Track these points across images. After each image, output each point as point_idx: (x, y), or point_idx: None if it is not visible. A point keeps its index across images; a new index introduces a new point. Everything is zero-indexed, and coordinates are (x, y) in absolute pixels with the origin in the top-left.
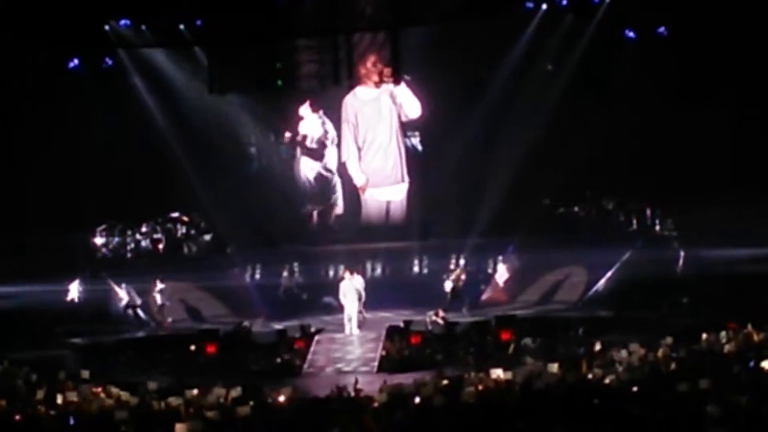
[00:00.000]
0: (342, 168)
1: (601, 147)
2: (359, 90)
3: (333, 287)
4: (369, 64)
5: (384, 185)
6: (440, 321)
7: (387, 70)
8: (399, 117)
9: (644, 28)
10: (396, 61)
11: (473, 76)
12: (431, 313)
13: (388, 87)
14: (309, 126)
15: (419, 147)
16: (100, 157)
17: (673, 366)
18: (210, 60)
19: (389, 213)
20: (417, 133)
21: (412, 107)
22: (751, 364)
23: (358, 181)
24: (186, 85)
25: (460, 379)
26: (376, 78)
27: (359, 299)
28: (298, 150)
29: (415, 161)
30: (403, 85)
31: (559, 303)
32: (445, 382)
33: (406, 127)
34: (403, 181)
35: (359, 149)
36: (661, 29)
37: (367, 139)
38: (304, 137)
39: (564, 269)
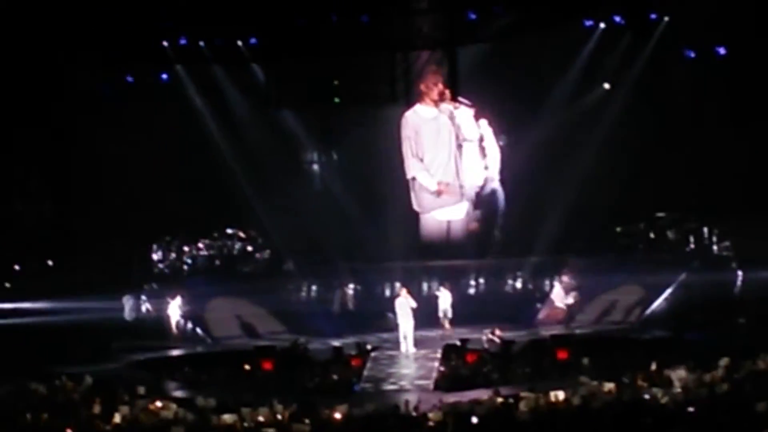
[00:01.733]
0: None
1: (658, 166)
2: (419, 108)
3: (389, 304)
4: (430, 83)
5: (445, 206)
6: (496, 339)
7: (447, 91)
8: (457, 137)
9: (703, 47)
10: (453, 80)
11: (531, 94)
12: (488, 331)
13: (448, 107)
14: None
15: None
16: (158, 173)
17: (729, 387)
18: (267, 76)
19: (450, 233)
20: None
21: (471, 130)
22: None
23: (432, 185)
24: (243, 101)
25: (516, 398)
26: (435, 97)
27: (414, 317)
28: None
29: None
30: (462, 107)
31: (616, 323)
32: (500, 400)
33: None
34: (461, 201)
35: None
36: (720, 49)
37: (426, 157)
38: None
39: (621, 289)
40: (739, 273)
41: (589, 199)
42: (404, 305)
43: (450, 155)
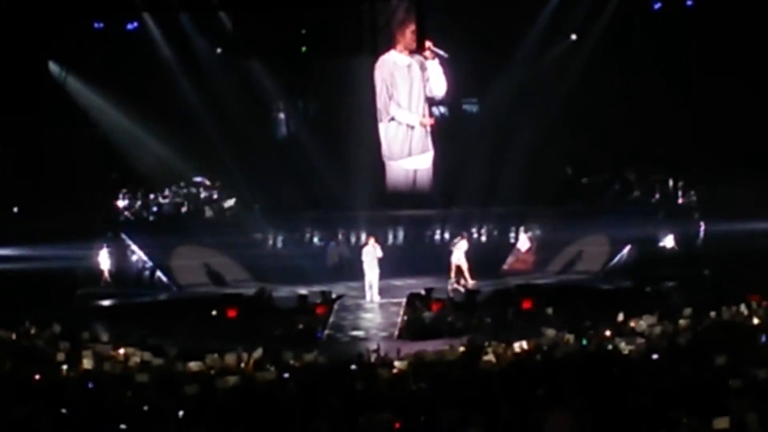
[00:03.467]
0: (370, 136)
1: (624, 117)
2: (394, 54)
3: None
4: (406, 31)
5: (412, 154)
6: (461, 288)
7: (425, 41)
8: (425, 89)
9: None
10: (421, 29)
11: (498, 45)
12: (453, 280)
13: (419, 58)
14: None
15: (443, 116)
16: (123, 121)
17: (692, 338)
18: (234, 25)
19: (416, 182)
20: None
21: (440, 85)
22: None
23: (414, 120)
24: (210, 49)
25: (479, 347)
26: (410, 45)
27: (380, 266)
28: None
29: (439, 130)
30: (436, 60)
31: (580, 273)
32: (463, 349)
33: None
34: (429, 150)
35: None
36: (689, 1)
37: (400, 102)
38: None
39: (586, 239)
40: (702, 224)
41: (556, 150)
42: (371, 254)
43: (420, 104)
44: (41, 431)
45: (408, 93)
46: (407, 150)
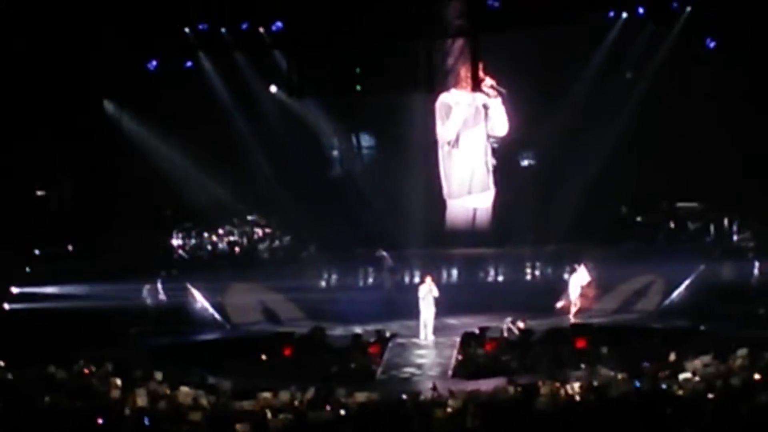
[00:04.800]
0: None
1: (679, 156)
2: (455, 92)
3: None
4: (466, 70)
5: (473, 192)
6: (515, 329)
7: (487, 79)
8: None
9: (724, 36)
10: (475, 69)
11: (552, 84)
12: (509, 320)
13: (482, 96)
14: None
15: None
16: (179, 159)
17: (747, 378)
18: (289, 64)
19: (475, 220)
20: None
21: (502, 124)
22: None
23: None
24: (265, 88)
25: (534, 386)
26: (470, 84)
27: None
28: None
29: (496, 169)
30: (498, 99)
31: (635, 312)
32: (519, 389)
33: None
34: (489, 189)
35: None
36: (742, 40)
37: (460, 140)
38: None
39: (640, 278)
40: (757, 263)
41: (610, 188)
42: (427, 293)
43: (481, 141)
44: None
45: (470, 131)
46: (467, 188)
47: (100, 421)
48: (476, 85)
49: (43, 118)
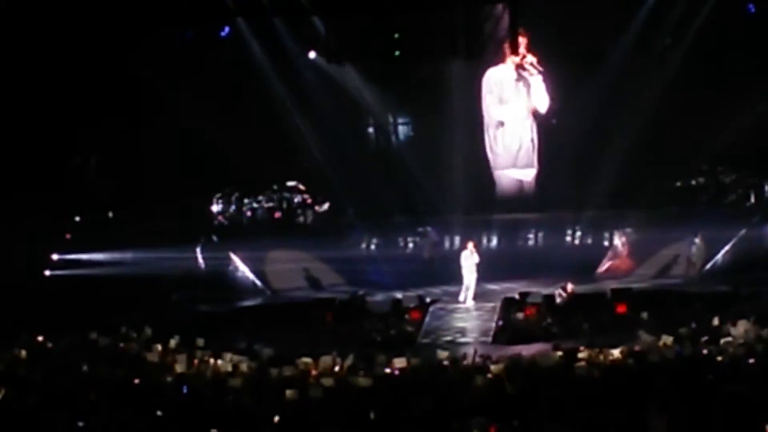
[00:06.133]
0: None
1: (719, 121)
2: (502, 67)
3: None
4: (504, 39)
5: (518, 166)
6: (564, 294)
7: (529, 56)
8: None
9: (764, 2)
10: (513, 34)
11: (591, 49)
12: (560, 285)
13: (525, 73)
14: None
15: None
16: (218, 126)
17: None
18: (327, 29)
19: (522, 189)
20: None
21: (543, 100)
22: None
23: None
24: (304, 54)
25: (574, 351)
26: (516, 60)
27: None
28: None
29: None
30: (540, 77)
31: (675, 277)
32: (559, 354)
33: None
34: (533, 166)
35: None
36: None
37: (506, 115)
38: None
39: (681, 243)
40: None
41: (650, 153)
42: (469, 258)
43: (526, 117)
44: None
45: (515, 107)
46: (512, 162)
47: (140, 387)
48: (515, 52)
49: (80, 86)
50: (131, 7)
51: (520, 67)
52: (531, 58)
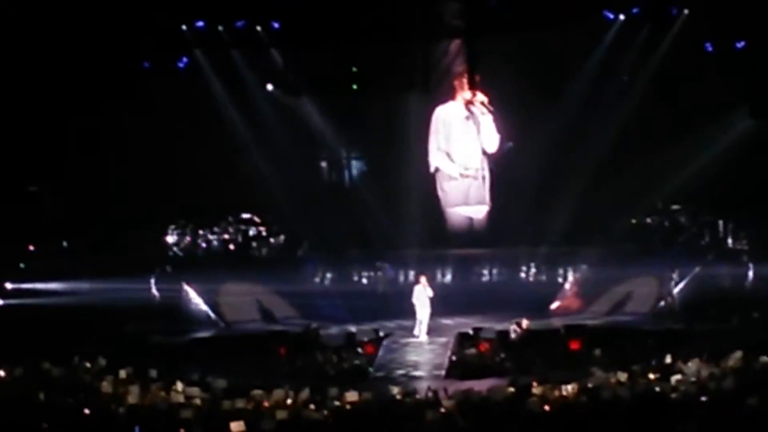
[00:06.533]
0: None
1: (675, 158)
2: (451, 105)
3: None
4: (462, 81)
5: (469, 204)
6: (518, 330)
7: (479, 95)
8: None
9: (722, 41)
10: (472, 70)
11: (549, 85)
12: (515, 321)
13: (476, 111)
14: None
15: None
16: (174, 157)
17: (739, 381)
18: (285, 62)
19: (471, 226)
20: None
21: (492, 140)
22: None
23: (455, 172)
24: (261, 86)
25: (527, 387)
26: (467, 96)
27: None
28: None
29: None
30: (490, 116)
31: (629, 314)
32: (512, 390)
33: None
34: (485, 203)
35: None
36: (740, 43)
37: (455, 154)
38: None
39: (635, 280)
40: (752, 266)
41: (606, 190)
42: (422, 292)
43: (477, 156)
44: None
45: (465, 146)
46: (462, 200)
47: (92, 418)
48: (466, 89)
49: (37, 114)
50: (88, 36)
51: (470, 104)
52: (482, 97)
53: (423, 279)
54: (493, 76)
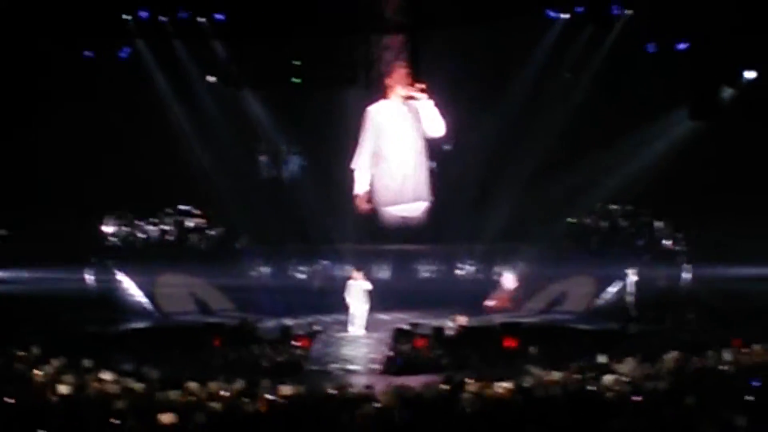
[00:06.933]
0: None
1: (614, 158)
2: (385, 103)
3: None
4: (397, 78)
5: (405, 201)
6: (454, 326)
7: (416, 85)
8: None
9: (664, 42)
10: (414, 66)
11: (490, 83)
12: (452, 317)
13: (413, 103)
14: None
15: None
16: (113, 147)
17: (674, 381)
18: (228, 54)
19: (408, 225)
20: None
21: (436, 125)
22: (757, 383)
23: (359, 189)
24: (203, 78)
25: (461, 384)
26: (403, 91)
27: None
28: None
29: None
30: (430, 102)
31: (565, 313)
32: (446, 386)
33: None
34: (422, 199)
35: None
36: (681, 45)
37: (386, 152)
38: None
39: (571, 279)
40: (688, 267)
41: (546, 188)
42: (356, 288)
43: (412, 151)
44: None
45: (399, 142)
46: (393, 199)
47: (23, 407)
48: (410, 85)
49: None
50: (29, 23)
51: (409, 99)
52: (420, 85)
53: (358, 274)
54: (435, 72)
